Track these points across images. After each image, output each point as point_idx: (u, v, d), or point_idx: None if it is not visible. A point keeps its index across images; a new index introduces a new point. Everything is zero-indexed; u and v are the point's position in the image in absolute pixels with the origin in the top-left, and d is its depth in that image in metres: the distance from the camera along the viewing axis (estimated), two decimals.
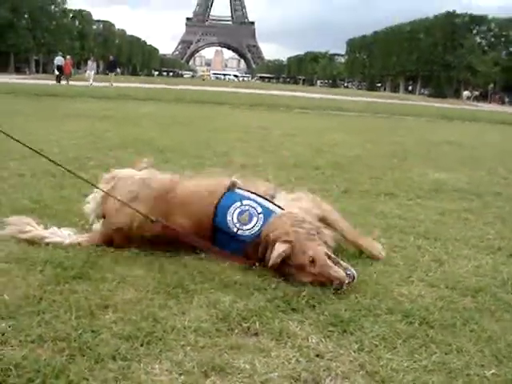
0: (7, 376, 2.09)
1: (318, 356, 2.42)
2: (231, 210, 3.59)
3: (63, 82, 38.05)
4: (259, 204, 3.63)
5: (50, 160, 3.73)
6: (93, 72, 41.43)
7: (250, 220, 3.55)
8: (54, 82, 38.16)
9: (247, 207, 3.60)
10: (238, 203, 3.62)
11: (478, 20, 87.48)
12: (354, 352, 2.47)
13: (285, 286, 3.15)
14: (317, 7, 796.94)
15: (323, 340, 2.57)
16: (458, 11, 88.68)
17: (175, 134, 11.20)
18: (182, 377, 2.18)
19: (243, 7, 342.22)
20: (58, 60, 41.42)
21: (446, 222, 5.12)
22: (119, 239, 3.70)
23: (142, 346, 2.40)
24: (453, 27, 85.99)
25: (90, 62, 44.37)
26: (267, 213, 3.57)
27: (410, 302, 3.03)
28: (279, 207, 3.66)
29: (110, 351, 2.32)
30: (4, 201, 4.85)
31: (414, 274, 3.55)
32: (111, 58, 49.98)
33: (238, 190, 3.74)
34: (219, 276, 3.28)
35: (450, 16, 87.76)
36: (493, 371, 2.36)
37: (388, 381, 2.23)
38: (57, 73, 40.78)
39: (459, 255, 4.05)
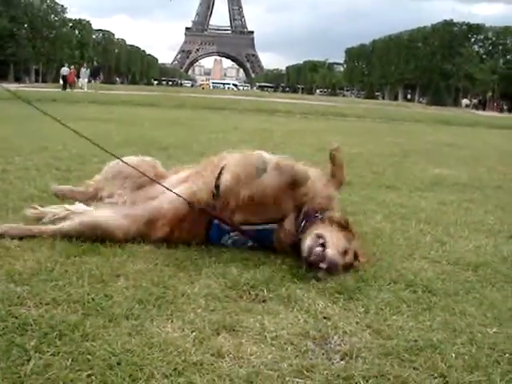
0: (25, 331, 2.17)
1: (325, 318, 2.49)
2: (223, 240, 3.50)
3: (68, 90, 39.16)
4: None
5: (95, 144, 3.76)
6: (86, 80, 42.68)
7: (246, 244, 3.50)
8: (60, 89, 39.70)
9: (237, 237, 3.48)
10: (226, 236, 3.50)
11: (475, 29, 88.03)
12: (360, 314, 2.55)
13: (291, 261, 3.23)
14: (315, 17, 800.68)
15: (330, 305, 2.64)
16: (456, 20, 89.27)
17: (177, 134, 11.28)
18: (194, 333, 2.24)
19: (242, 17, 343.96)
20: (64, 71, 44.28)
21: (446, 210, 5.20)
22: None
23: (153, 307, 2.48)
24: (450, 36, 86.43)
25: (82, 70, 45.46)
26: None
27: (413, 274, 3.10)
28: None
29: (123, 312, 2.40)
30: (11, 190, 4.93)
31: (417, 252, 3.62)
32: (95, 64, 51.40)
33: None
34: (226, 253, 3.35)
35: (448, 25, 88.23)
36: (495, 330, 2.44)
37: (394, 338, 2.30)
38: (61, 82, 43.45)
39: (460, 237, 4.13)
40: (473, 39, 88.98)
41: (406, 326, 2.42)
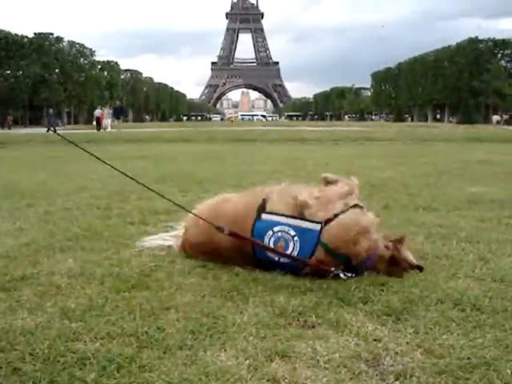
0: (84, 365, 2.24)
1: (375, 340, 2.51)
2: (265, 240, 3.57)
3: (101, 130, 40.64)
4: (291, 226, 3.55)
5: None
6: (109, 120, 43.94)
7: (287, 247, 3.52)
8: (94, 130, 41.67)
9: (280, 234, 3.54)
10: (270, 232, 3.56)
11: (501, 44, 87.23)
12: (410, 335, 2.56)
13: (336, 286, 3.25)
14: (339, 44, 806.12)
15: (379, 327, 2.66)
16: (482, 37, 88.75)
17: (211, 167, 11.43)
18: (248, 361, 2.28)
19: (267, 48, 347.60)
20: (97, 112, 46.73)
21: (486, 227, 5.15)
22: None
23: (205, 338, 2.53)
24: (476, 53, 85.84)
25: (105, 110, 46.64)
26: (301, 232, 3.51)
27: (460, 293, 3.10)
28: (314, 222, 3.52)
29: (177, 343, 2.45)
30: (56, 230, 5.07)
31: (460, 271, 3.61)
32: (118, 103, 52.51)
33: (264, 217, 3.65)
34: (272, 281, 3.39)
35: (473, 42, 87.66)
36: None
37: (446, 356, 2.31)
38: (95, 124, 45.79)
39: (503, 254, 4.09)
40: (499, 55, 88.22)
41: (457, 344, 2.43)
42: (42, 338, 2.49)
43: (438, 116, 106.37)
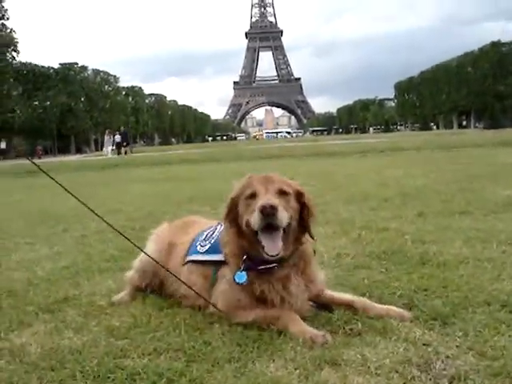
0: (134, 380, 2.24)
1: (424, 344, 2.47)
2: None
3: (122, 155, 41.63)
4: None
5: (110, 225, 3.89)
6: (110, 148, 44.55)
7: None
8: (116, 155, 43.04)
9: None
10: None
11: None
12: (459, 338, 2.51)
13: (379, 293, 3.22)
14: (360, 56, 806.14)
15: (426, 331, 2.62)
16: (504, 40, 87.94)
17: None
18: (298, 370, 2.27)
19: (288, 65, 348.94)
20: (117, 138, 47.80)
21: None
22: None
23: (253, 350, 2.51)
24: (500, 56, 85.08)
25: (106, 138, 47.34)
26: None
27: (506, 295, 3.04)
28: None
29: (225, 356, 2.44)
30: (93, 252, 5.14)
31: (504, 273, 3.55)
32: (122, 129, 53.12)
33: None
34: None
35: (496, 46, 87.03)
36: None
37: (500, 358, 2.26)
38: (115, 148, 47.06)
39: None
40: None
41: (509, 345, 2.38)
42: (90, 356, 2.51)
43: (464, 123, 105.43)
